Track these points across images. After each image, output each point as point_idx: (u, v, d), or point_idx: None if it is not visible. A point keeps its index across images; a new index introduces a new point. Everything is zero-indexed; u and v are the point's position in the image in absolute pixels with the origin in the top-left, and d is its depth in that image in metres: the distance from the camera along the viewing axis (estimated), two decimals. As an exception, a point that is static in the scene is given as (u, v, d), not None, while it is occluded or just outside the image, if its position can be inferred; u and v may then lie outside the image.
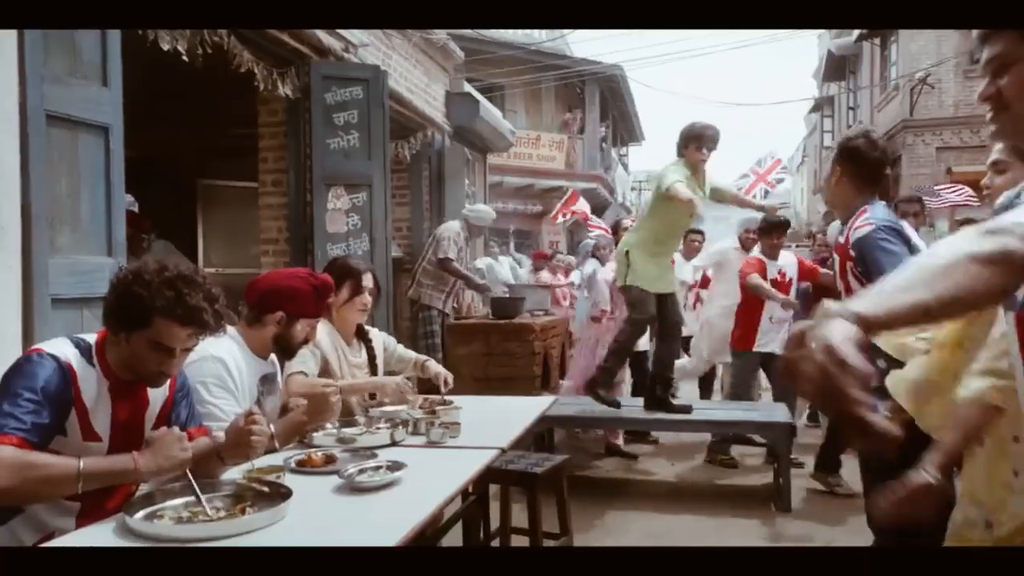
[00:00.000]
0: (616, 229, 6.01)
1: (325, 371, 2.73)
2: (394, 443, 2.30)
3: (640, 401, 5.06)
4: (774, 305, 5.08)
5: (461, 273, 6.00)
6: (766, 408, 4.81)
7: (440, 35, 7.39)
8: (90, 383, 1.72)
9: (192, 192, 7.89)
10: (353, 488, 1.81)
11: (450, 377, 3.05)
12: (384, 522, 1.61)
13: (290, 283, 2.34)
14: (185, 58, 3.89)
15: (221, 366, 2.19)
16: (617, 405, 4.70)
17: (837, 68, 17.97)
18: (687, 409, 4.63)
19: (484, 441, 2.38)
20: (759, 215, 6.06)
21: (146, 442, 1.62)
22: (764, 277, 5.07)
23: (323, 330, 2.70)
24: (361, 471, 1.88)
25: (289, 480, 1.85)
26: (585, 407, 4.90)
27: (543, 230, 17.16)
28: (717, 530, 3.96)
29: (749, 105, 30.58)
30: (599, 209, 18.00)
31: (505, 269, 8.44)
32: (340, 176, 5.07)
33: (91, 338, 1.78)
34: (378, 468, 1.91)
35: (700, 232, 6.53)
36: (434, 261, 5.89)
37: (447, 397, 2.90)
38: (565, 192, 17.08)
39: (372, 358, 2.95)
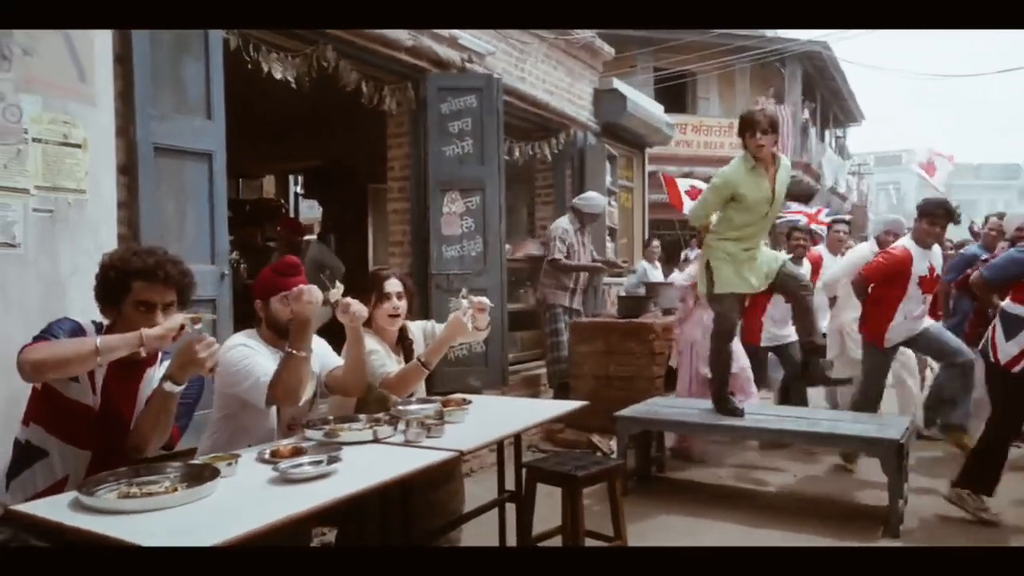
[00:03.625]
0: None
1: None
2: (376, 440, 2.50)
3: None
4: (913, 301, 4.63)
5: (572, 267, 6.10)
6: (876, 422, 4.35)
7: (585, 34, 7.45)
8: None
9: (364, 196, 8.69)
10: (284, 479, 2.05)
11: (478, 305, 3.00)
12: (286, 507, 1.81)
13: (258, 276, 2.77)
14: (294, 85, 4.38)
15: (243, 347, 2.60)
16: (740, 413, 4.44)
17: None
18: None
19: (466, 443, 2.51)
20: (900, 217, 5.52)
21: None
22: (907, 271, 4.60)
23: (372, 341, 2.98)
24: (298, 465, 2.11)
25: (242, 468, 2.14)
26: (663, 409, 4.83)
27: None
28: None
29: (968, 76, 26.64)
30: (804, 196, 16.86)
31: (659, 273, 8.32)
32: (454, 181, 5.39)
33: (104, 321, 2.25)
34: (318, 462, 2.13)
35: (845, 222, 6.23)
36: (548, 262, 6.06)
37: (466, 396, 3.05)
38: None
39: (409, 358, 3.15)
